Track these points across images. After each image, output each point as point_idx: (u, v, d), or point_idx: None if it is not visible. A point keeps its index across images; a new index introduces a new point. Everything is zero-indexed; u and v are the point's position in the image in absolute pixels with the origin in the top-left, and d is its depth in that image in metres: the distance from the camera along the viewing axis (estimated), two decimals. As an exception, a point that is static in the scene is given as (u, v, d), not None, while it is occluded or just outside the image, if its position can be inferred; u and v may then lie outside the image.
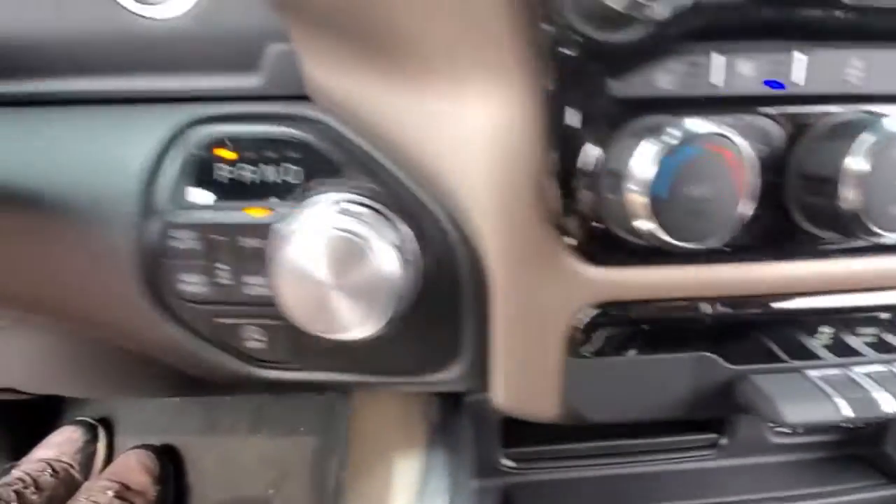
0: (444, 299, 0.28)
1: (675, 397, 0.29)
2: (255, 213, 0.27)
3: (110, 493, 0.90)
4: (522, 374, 0.29)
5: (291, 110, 0.29)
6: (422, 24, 0.23)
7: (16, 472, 0.91)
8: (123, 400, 1.07)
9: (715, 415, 0.40)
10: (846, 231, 0.23)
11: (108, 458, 1.01)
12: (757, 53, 0.22)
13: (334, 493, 0.97)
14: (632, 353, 0.28)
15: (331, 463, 1.00)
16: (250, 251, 0.27)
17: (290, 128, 0.28)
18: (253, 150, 0.28)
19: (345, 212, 0.25)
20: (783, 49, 0.22)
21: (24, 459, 0.95)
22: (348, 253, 0.24)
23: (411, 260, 0.27)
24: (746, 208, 0.21)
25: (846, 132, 0.21)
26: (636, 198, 0.21)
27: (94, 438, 1.01)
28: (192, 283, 0.28)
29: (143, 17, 0.30)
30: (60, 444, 0.97)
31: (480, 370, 0.30)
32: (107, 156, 0.28)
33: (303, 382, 0.31)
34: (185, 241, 0.27)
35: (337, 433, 1.03)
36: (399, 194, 0.27)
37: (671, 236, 0.21)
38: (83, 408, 1.07)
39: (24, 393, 0.63)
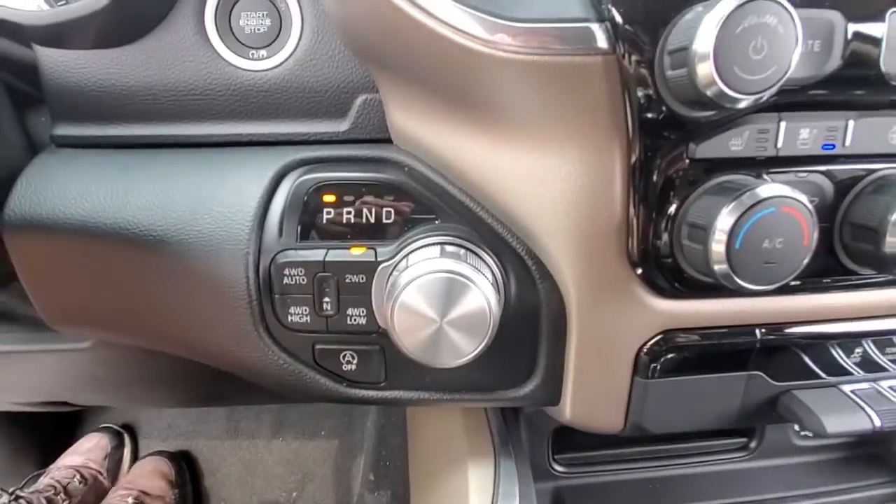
0: (524, 326, 0.31)
1: (727, 411, 0.33)
2: (357, 251, 0.30)
3: (130, 499, 0.92)
4: (592, 391, 0.32)
5: (383, 154, 0.32)
6: (523, 100, 0.26)
7: (45, 480, 0.92)
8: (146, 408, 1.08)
9: (759, 424, 0.44)
10: (887, 270, 0.27)
11: (134, 464, 1.03)
12: (814, 121, 0.25)
13: (359, 496, 0.99)
14: (691, 373, 0.31)
15: (352, 465, 1.03)
16: (352, 286, 0.30)
17: (382, 172, 0.31)
18: (352, 193, 0.31)
19: (447, 253, 0.28)
20: (836, 118, 0.25)
21: (53, 466, 0.96)
22: (455, 291, 0.27)
23: (501, 292, 0.30)
24: (809, 256, 0.25)
25: (891, 188, 0.25)
26: (716, 247, 0.24)
27: (120, 445, 1.03)
28: (298, 315, 0.31)
29: (244, 69, 0.33)
30: (88, 451, 0.99)
31: (551, 387, 0.33)
32: (218, 197, 0.31)
33: (389, 399, 0.34)
34: (295, 277, 0.30)
35: (359, 436, 1.05)
36: (484, 233, 0.31)
37: (744, 280, 0.24)
38: (105, 415, 1.09)
39: (73, 405, 0.65)
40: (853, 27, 0.24)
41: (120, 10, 0.31)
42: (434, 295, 0.27)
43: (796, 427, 0.45)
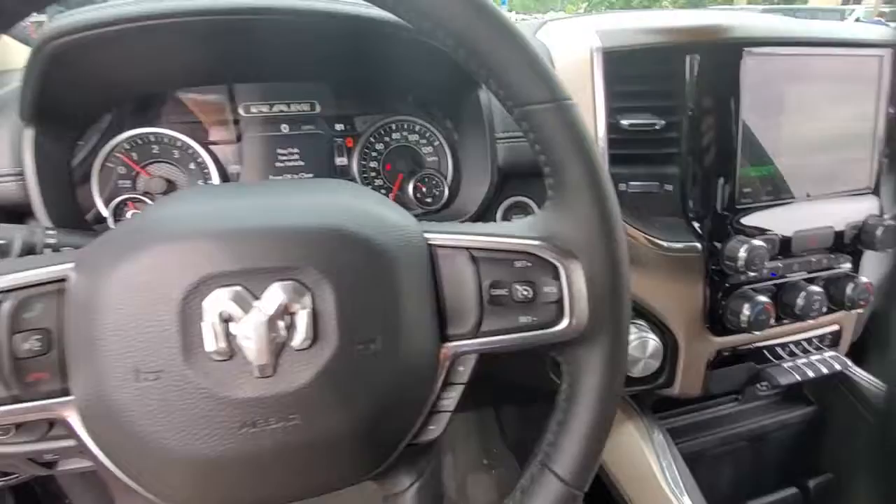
0: (664, 354, 0.71)
1: (740, 380, 0.75)
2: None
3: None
4: (688, 379, 0.72)
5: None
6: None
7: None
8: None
9: (748, 385, 0.87)
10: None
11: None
12: None
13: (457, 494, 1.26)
14: (727, 366, 0.73)
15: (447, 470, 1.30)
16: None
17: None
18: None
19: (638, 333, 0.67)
20: None
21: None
22: (649, 348, 0.66)
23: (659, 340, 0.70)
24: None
25: None
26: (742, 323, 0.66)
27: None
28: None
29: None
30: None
31: (670, 380, 0.73)
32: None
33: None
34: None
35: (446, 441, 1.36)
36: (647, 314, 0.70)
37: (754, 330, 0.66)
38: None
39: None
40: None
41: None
42: (636, 348, 0.66)
43: (759, 385, 0.89)
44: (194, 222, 0.32)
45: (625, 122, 0.61)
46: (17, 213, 0.55)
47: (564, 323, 0.37)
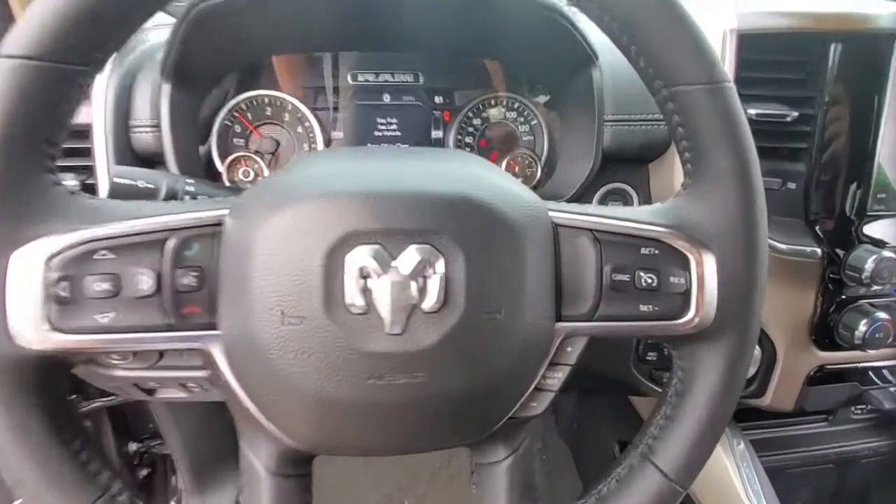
0: (763, 364, 0.67)
1: (837, 399, 0.70)
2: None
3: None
4: (783, 391, 0.68)
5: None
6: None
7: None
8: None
9: (845, 406, 0.81)
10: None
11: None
12: None
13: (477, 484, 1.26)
14: (829, 383, 0.68)
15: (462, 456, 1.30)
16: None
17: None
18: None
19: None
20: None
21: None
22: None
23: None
24: None
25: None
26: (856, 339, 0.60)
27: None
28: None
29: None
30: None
31: (762, 389, 0.69)
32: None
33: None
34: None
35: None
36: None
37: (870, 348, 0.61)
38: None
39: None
40: None
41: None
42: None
43: (854, 407, 0.83)
44: (340, 182, 0.33)
45: (752, 111, 0.57)
46: (151, 161, 0.60)
47: (688, 316, 0.35)
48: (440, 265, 0.32)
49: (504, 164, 0.72)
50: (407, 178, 0.34)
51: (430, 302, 0.31)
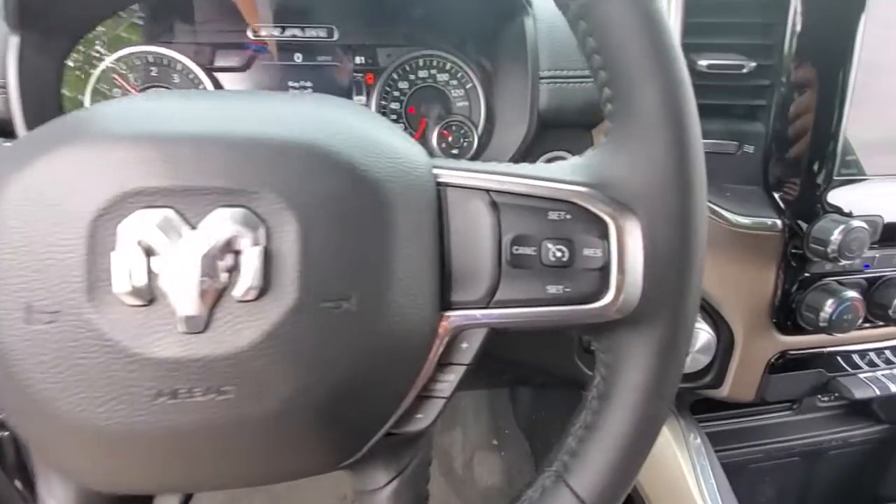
0: (718, 351, 0.61)
1: (803, 389, 0.64)
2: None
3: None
4: (742, 381, 0.62)
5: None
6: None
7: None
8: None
9: (813, 395, 0.76)
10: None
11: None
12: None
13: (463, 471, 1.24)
14: (791, 371, 0.62)
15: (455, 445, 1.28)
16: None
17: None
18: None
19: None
20: None
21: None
22: (700, 341, 0.56)
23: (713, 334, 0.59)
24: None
25: None
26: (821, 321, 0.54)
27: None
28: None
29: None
30: None
31: (718, 380, 0.63)
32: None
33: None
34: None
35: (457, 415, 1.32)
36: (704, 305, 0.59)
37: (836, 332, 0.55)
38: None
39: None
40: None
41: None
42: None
43: (820, 395, 0.78)
44: (126, 122, 0.24)
45: (703, 62, 0.49)
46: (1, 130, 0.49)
47: (608, 298, 0.28)
48: (260, 235, 0.23)
49: (435, 133, 0.64)
50: (223, 120, 0.25)
51: (243, 286, 0.23)
